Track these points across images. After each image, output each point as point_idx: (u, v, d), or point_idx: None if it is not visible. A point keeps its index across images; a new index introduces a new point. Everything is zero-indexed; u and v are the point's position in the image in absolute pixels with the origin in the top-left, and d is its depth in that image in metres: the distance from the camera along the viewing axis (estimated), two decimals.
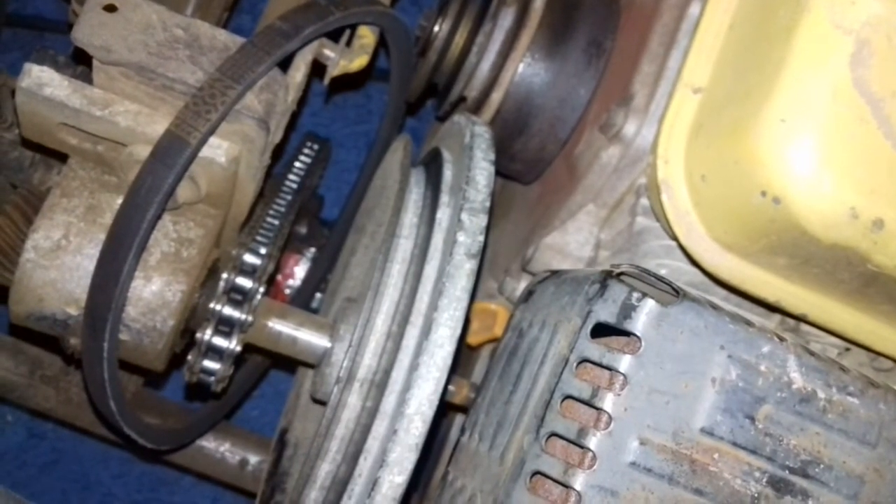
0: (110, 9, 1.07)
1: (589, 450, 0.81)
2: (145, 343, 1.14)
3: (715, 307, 0.85)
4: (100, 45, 1.05)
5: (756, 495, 0.84)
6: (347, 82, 1.61)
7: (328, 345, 1.25)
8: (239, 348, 1.22)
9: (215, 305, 1.20)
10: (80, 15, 1.07)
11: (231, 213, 1.23)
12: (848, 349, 1.10)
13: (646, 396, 0.82)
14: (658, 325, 0.83)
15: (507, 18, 1.33)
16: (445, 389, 0.99)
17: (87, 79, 1.09)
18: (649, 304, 0.83)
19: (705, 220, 1.01)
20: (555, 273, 0.99)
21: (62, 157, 1.21)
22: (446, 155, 1.21)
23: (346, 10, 1.18)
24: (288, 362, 1.44)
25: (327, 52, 1.25)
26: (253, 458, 1.70)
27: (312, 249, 1.78)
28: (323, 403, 1.25)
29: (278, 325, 1.27)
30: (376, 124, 2.03)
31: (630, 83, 1.18)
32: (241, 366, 1.63)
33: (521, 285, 1.29)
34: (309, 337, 1.26)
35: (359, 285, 1.46)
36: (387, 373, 1.04)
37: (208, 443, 1.68)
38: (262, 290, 1.24)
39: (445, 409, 1.48)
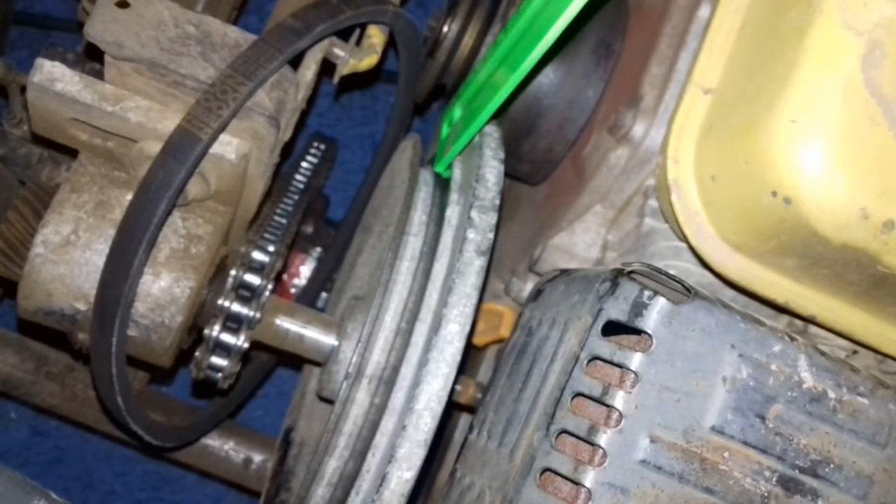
0: (122, 5, 1.07)
1: (599, 447, 0.81)
2: (153, 339, 1.14)
3: (726, 306, 0.85)
4: (112, 40, 1.05)
5: (766, 494, 0.84)
6: (355, 82, 1.61)
7: (335, 342, 1.25)
8: (246, 345, 1.22)
9: (223, 302, 1.20)
10: (92, 11, 1.07)
11: (240, 210, 1.23)
12: (856, 352, 1.10)
13: (657, 394, 0.82)
14: (669, 323, 0.83)
15: None
16: (453, 388, 0.99)
17: (97, 76, 1.09)
18: (661, 303, 0.83)
19: (715, 220, 1.01)
20: (564, 272, 0.99)
21: (71, 154, 1.22)
22: None
23: (357, 9, 1.18)
24: (294, 360, 1.44)
25: (337, 50, 1.25)
26: (257, 457, 1.71)
27: (318, 249, 1.79)
28: (329, 401, 1.25)
29: (286, 323, 1.26)
30: (382, 126, 2.04)
31: (639, 84, 1.17)
32: (247, 363, 1.63)
33: (528, 286, 1.28)
34: (316, 335, 1.26)
35: (365, 284, 1.46)
36: (395, 369, 1.03)
37: (213, 441, 1.68)
38: (270, 287, 1.24)
39: (451, 408, 1.48)
